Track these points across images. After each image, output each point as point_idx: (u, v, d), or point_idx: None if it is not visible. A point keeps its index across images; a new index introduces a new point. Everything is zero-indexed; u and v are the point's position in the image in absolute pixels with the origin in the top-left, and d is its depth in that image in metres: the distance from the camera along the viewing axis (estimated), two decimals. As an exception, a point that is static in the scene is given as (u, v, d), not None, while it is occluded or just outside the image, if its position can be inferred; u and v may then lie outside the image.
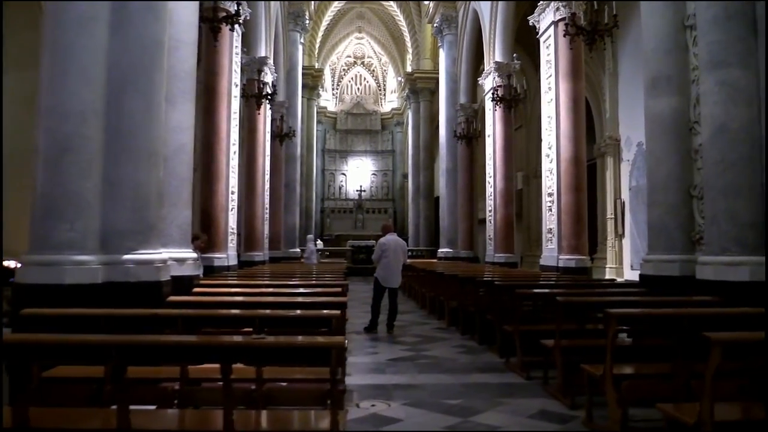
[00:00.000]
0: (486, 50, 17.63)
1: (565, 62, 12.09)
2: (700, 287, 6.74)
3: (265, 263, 16.31)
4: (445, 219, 21.93)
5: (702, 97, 6.95)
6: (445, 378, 6.92)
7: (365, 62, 38.22)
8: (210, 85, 11.74)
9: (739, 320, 4.77)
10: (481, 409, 5.56)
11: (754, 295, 6.31)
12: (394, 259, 10.36)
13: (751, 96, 6.57)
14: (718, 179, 6.66)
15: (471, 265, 17.15)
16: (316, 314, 4.66)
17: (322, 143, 35.88)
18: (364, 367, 7.52)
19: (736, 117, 6.56)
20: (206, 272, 11.15)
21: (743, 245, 6.48)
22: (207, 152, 11.57)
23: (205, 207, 11.51)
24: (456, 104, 21.06)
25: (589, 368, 4.93)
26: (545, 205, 12.70)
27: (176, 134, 7.45)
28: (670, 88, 7.71)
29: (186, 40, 7.67)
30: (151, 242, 6.38)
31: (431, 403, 5.78)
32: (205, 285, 7.73)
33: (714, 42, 6.76)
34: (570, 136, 11.97)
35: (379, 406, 5.72)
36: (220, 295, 6.66)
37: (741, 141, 6.54)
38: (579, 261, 11.72)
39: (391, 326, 10.32)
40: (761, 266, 6.36)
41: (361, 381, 6.72)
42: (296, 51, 21.56)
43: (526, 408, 5.62)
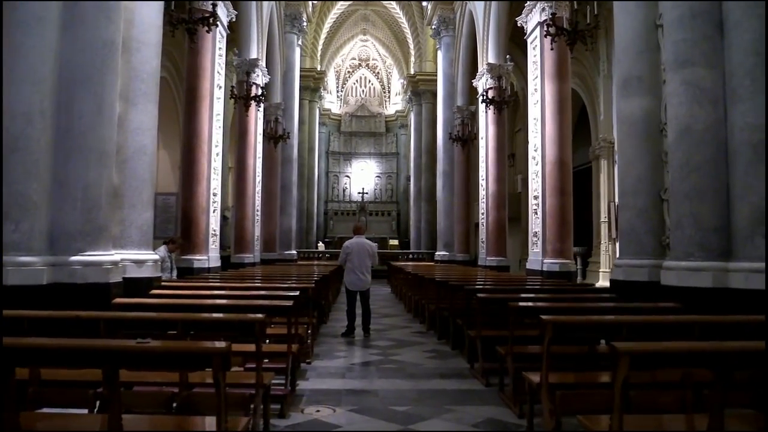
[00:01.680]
0: (479, 51, 17.48)
1: (551, 63, 11.92)
2: (667, 293, 6.57)
3: (255, 265, 16.25)
4: (442, 222, 21.78)
5: (668, 98, 6.79)
6: (403, 384, 6.79)
7: (370, 65, 38.16)
8: (191, 86, 11.72)
9: (681, 328, 4.60)
10: (427, 417, 5.43)
11: (717, 302, 6.15)
12: (358, 262, 10.23)
13: (716, 96, 6.40)
14: (683, 182, 6.49)
15: (463, 268, 16.97)
16: (238, 318, 4.54)
17: (326, 145, 35.83)
18: (325, 371, 7.41)
19: (700, 118, 6.39)
20: (185, 274, 11.14)
21: (707, 250, 6.31)
22: (187, 154, 11.54)
23: (184, 208, 11.47)
24: (453, 106, 20.91)
25: (529, 376, 4.79)
26: (531, 209, 12.53)
27: (137, 135, 7.40)
28: (641, 88, 7.54)
29: (148, 41, 7.62)
30: (102, 243, 6.33)
31: (378, 410, 5.65)
32: (168, 287, 7.67)
33: (679, 41, 6.60)
34: (555, 138, 11.80)
35: (323, 411, 5.61)
36: (173, 297, 6.57)
37: (706, 143, 6.37)
38: (563, 265, 11.53)
39: (367, 330, 10.19)
40: (725, 272, 6.19)
41: (317, 386, 6.61)
42: (293, 53, 21.51)
43: (474, 416, 5.47)
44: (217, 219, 12.31)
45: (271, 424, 5.14)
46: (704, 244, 6.30)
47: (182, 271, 11.37)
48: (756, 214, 5.97)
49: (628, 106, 7.68)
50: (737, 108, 6.18)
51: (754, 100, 6.03)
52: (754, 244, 5.98)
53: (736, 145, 6.19)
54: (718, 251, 6.27)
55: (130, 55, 7.44)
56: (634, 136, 7.59)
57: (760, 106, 5.99)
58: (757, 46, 6.05)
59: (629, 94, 7.67)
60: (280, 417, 5.35)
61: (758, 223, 5.96)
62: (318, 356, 8.32)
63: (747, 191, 6.06)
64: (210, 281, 9.13)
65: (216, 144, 12.18)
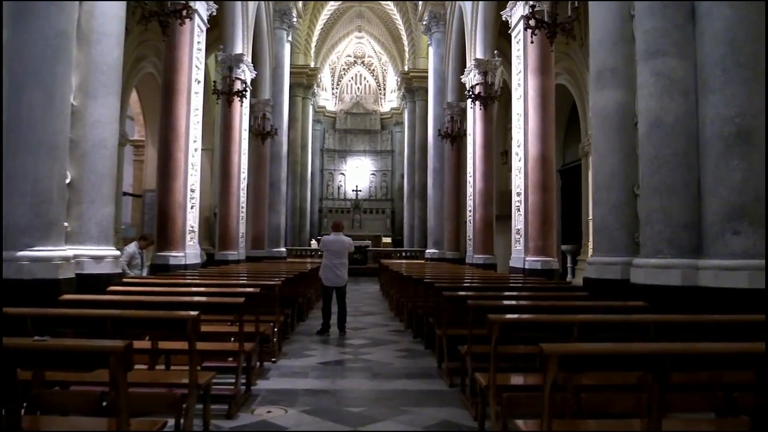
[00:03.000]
0: (468, 47, 17.27)
1: (534, 57, 11.71)
2: (637, 292, 6.37)
3: (240, 263, 16.07)
4: (432, 219, 21.57)
5: (639, 90, 6.57)
6: (366, 384, 6.61)
7: (365, 62, 37.90)
8: (167, 81, 11.53)
9: (637, 328, 4.40)
10: (380, 419, 5.25)
11: (686, 300, 5.96)
12: (335, 259, 10.04)
13: (687, 87, 6.19)
14: (652, 177, 6.29)
15: (450, 266, 16.76)
16: (168, 315, 4.35)
17: (321, 142, 35.60)
18: (289, 370, 7.22)
19: (671, 110, 6.19)
20: (160, 270, 10.97)
21: (677, 247, 6.11)
22: (163, 150, 11.36)
23: (161, 204, 11.29)
24: (444, 103, 20.68)
25: (480, 377, 4.59)
26: (514, 205, 12.32)
27: (96, 129, 7.20)
28: (615, 80, 7.35)
29: (109, 32, 7.41)
30: (52, 239, 6.15)
31: (332, 411, 5.47)
32: (129, 284, 7.49)
33: (650, 30, 6.39)
34: (538, 133, 11.58)
35: (275, 412, 5.43)
36: (127, 294, 6.39)
37: (676, 135, 6.17)
38: (545, 263, 11.32)
39: (342, 328, 10.00)
40: (694, 270, 5.99)
41: (276, 385, 6.43)
42: (282, 49, 21.28)
43: (430, 418, 5.28)
44: (196, 215, 12.11)
45: (216, 425, 4.97)
46: (674, 240, 6.10)
47: (158, 267, 11.21)
48: (726, 210, 5.77)
49: (601, 99, 7.48)
50: (708, 99, 5.97)
51: (724, 90, 5.83)
52: (724, 240, 5.78)
53: (707, 137, 5.99)
54: (688, 248, 6.07)
55: (90, 47, 7.25)
56: (607, 129, 7.39)
57: (731, 97, 5.79)
58: (729, 34, 5.85)
59: (603, 86, 7.47)
60: (227, 418, 5.17)
61: (728, 218, 5.76)
62: (286, 355, 8.14)
63: (718, 185, 5.86)
64: (177, 278, 8.96)
65: (194, 140, 11.98)
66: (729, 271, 5.66)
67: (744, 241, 5.68)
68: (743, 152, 5.73)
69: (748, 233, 5.67)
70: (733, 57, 5.81)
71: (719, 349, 2.97)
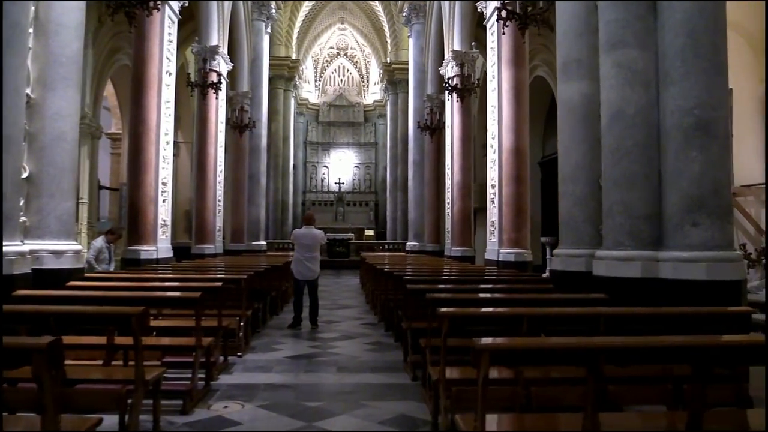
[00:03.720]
0: (446, 38, 17.21)
1: (508, 49, 11.67)
2: (599, 284, 6.36)
3: (217, 256, 15.96)
4: (412, 212, 21.56)
5: (601, 81, 6.54)
6: (329, 378, 6.57)
7: (348, 54, 37.71)
8: (137, 73, 11.39)
9: (588, 321, 4.39)
10: (337, 413, 5.21)
11: (646, 292, 5.95)
12: (306, 252, 9.98)
13: (648, 79, 6.17)
14: (614, 168, 6.27)
15: (430, 258, 16.74)
16: (114, 311, 4.27)
17: (304, 135, 35.45)
18: (254, 365, 7.16)
19: (632, 101, 6.17)
20: (131, 264, 10.87)
21: (637, 239, 6.11)
22: (134, 143, 11.23)
23: (131, 198, 11.18)
24: (423, 95, 20.62)
25: (432, 370, 4.56)
26: (488, 198, 12.30)
27: (56, 122, 7.08)
28: (580, 72, 7.33)
29: (68, 23, 7.28)
30: (6, 233, 6.03)
31: (290, 406, 5.43)
32: (91, 279, 7.40)
33: (612, 21, 6.36)
34: (512, 125, 11.56)
35: (232, 407, 5.38)
36: (85, 289, 6.30)
37: (637, 127, 6.15)
38: (518, 255, 11.32)
39: (314, 321, 9.94)
40: (654, 262, 5.98)
41: (238, 380, 6.38)
42: (261, 41, 21.11)
43: (387, 412, 5.25)
44: (168, 209, 12.00)
45: (169, 421, 4.92)
46: (634, 232, 6.09)
47: (129, 261, 11.11)
48: (685, 201, 5.77)
49: (567, 91, 7.46)
50: (669, 90, 5.96)
51: (684, 82, 5.82)
52: (683, 232, 5.78)
53: (667, 129, 5.97)
54: (649, 240, 6.06)
55: (48, 38, 7.12)
56: (573, 121, 7.38)
57: (690, 88, 5.78)
58: (688, 26, 5.83)
59: (568, 78, 7.45)
60: (182, 413, 5.12)
61: (687, 210, 5.75)
62: (254, 349, 8.08)
63: (677, 177, 5.85)
64: (143, 272, 8.87)
65: (166, 132, 11.85)
66: (687, 263, 5.67)
67: (702, 233, 5.68)
68: (702, 144, 5.72)
69: (707, 225, 5.67)
70: (693, 48, 5.79)
71: (653, 342, 2.95)
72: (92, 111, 15.99)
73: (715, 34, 5.82)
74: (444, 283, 7.51)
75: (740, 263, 5.73)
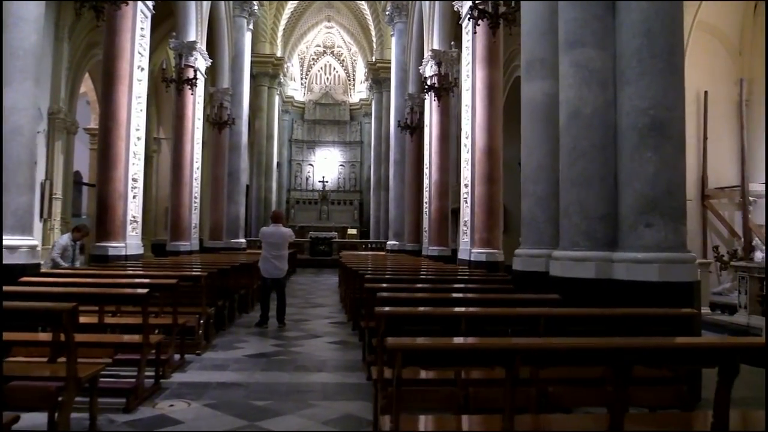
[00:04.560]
0: (426, 38, 17.17)
1: (482, 48, 11.64)
2: (556, 284, 6.33)
3: (192, 253, 15.86)
4: (392, 211, 21.52)
5: (560, 80, 6.51)
6: (284, 377, 6.51)
7: (335, 52, 37.59)
8: (108, 68, 11.27)
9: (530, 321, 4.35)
10: (283, 413, 5.16)
11: (600, 293, 5.93)
12: (274, 250, 9.91)
13: (606, 78, 6.15)
14: (570, 168, 6.25)
15: (408, 258, 16.70)
16: (45, 307, 4.19)
17: (290, 133, 35.33)
18: (211, 363, 7.09)
19: (589, 101, 6.14)
20: (99, 261, 10.76)
21: (593, 239, 6.08)
22: (103, 138, 11.12)
23: (100, 194, 11.07)
24: (405, 94, 20.57)
25: (374, 370, 4.52)
26: (462, 197, 12.27)
27: (12, 115, 6.99)
28: (543, 71, 7.30)
29: (26, 16, 7.19)
30: (-47, 228, 5.93)
31: (237, 405, 5.37)
32: (47, 275, 7.32)
33: (570, 20, 6.33)
34: (485, 125, 11.53)
35: (178, 406, 5.32)
36: (38, 285, 6.23)
37: (594, 127, 6.12)
38: (490, 255, 11.28)
39: (281, 320, 9.88)
40: (609, 263, 5.96)
41: (191, 378, 6.32)
42: (242, 37, 20.98)
43: (334, 412, 5.21)
44: (139, 205, 11.89)
45: (110, 419, 4.86)
46: (590, 233, 6.07)
47: (97, 258, 11.00)
48: (640, 202, 5.75)
49: (530, 90, 7.43)
50: (625, 90, 5.94)
51: (640, 82, 5.80)
52: (637, 233, 5.76)
53: (623, 129, 5.95)
54: (604, 241, 6.04)
55: (6, 31, 7.01)
56: (535, 120, 7.35)
57: (645, 88, 5.77)
58: (645, 26, 5.81)
59: (532, 77, 7.42)
60: (125, 411, 5.06)
61: (641, 211, 5.73)
62: (215, 347, 8.01)
63: (632, 178, 5.83)
64: (103, 269, 8.77)
65: (137, 128, 11.73)
66: (641, 264, 5.65)
67: (656, 233, 5.67)
68: (657, 144, 5.71)
69: (660, 226, 5.66)
70: (649, 49, 5.77)
71: (573, 344, 2.92)
72: (67, 106, 15.84)
73: (671, 35, 5.81)
74: (404, 283, 7.46)
75: (693, 265, 5.70)
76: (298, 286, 18.03)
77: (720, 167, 13.45)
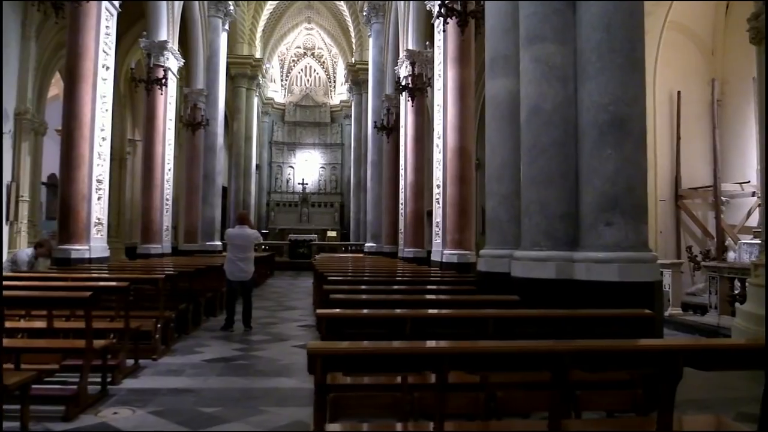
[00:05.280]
0: (401, 38, 17.03)
1: (453, 48, 11.51)
2: (518, 285, 6.19)
3: (164, 256, 15.59)
4: (370, 213, 21.36)
5: (521, 76, 6.38)
6: (238, 382, 6.32)
7: (315, 53, 37.34)
8: (71, 66, 11.01)
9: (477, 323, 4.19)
10: (229, 420, 4.97)
11: (560, 294, 5.79)
12: (239, 252, 9.71)
13: (566, 74, 6.02)
14: (531, 166, 6.12)
15: (379, 260, 16.53)
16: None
17: (270, 135, 35.05)
18: (166, 368, 6.88)
19: (549, 97, 6.02)
20: (61, 264, 10.50)
21: (553, 239, 5.96)
22: (66, 138, 10.86)
23: (63, 195, 10.80)
24: (382, 95, 20.42)
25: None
26: (434, 198, 12.13)
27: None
28: (506, 68, 7.17)
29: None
30: None
31: (184, 412, 5.17)
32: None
33: (530, 14, 6.21)
34: (456, 125, 11.40)
35: (122, 413, 5.12)
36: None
37: (554, 124, 6.00)
38: (462, 256, 11.15)
39: (247, 323, 9.67)
40: (569, 263, 5.83)
41: (141, 385, 6.10)
42: (218, 37, 20.70)
43: (283, 418, 5.03)
44: (103, 207, 11.61)
45: (47, 428, 4.65)
46: (550, 232, 5.94)
47: (59, 261, 10.72)
48: (599, 200, 5.63)
49: (494, 87, 7.31)
50: (585, 86, 5.83)
51: (599, 77, 5.69)
52: (597, 232, 5.64)
53: (583, 126, 5.84)
54: (565, 240, 5.91)
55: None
56: (499, 118, 7.21)
57: (605, 84, 5.65)
58: (604, 20, 5.69)
59: (495, 74, 7.29)
60: (64, 420, 4.84)
61: (601, 209, 5.61)
62: (174, 352, 7.80)
63: (592, 175, 5.71)
64: (55, 272, 8.53)
65: (102, 128, 11.47)
66: (601, 264, 5.53)
67: (616, 232, 5.55)
68: (617, 141, 5.59)
69: (620, 224, 5.54)
70: (609, 43, 5.66)
71: (506, 348, 2.76)
72: (35, 106, 15.53)
73: (631, 30, 5.70)
74: (367, 284, 7.29)
75: (654, 264, 5.58)
76: (273, 289, 17.82)
77: (693, 167, 13.43)
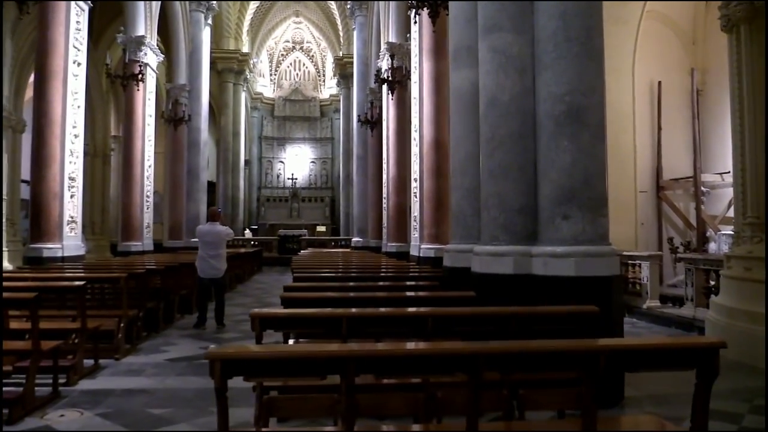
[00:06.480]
0: (382, 31, 16.91)
1: (428, 40, 11.38)
2: (477, 281, 6.08)
3: (145, 253, 15.48)
4: (356, 207, 21.27)
5: (479, 67, 6.25)
6: (196, 382, 6.21)
7: (304, 48, 37.10)
8: (41, 63, 10.87)
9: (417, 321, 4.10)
10: (177, 421, 4.90)
11: (518, 289, 5.68)
12: (210, 249, 9.60)
13: (524, 64, 5.89)
14: (489, 159, 6.00)
15: (362, 254, 16.43)
16: None
17: (259, 130, 34.87)
18: (126, 368, 6.79)
19: (506, 88, 5.88)
20: (33, 263, 10.40)
21: (511, 233, 5.83)
22: (36, 135, 10.72)
23: (34, 194, 10.69)
24: (366, 88, 20.29)
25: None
26: (411, 192, 12.03)
27: None
28: (469, 59, 7.04)
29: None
30: None
31: (132, 413, 5.10)
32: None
33: (488, 3, 6.08)
34: (432, 118, 11.27)
35: (69, 416, 5.05)
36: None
37: (511, 115, 5.87)
38: (438, 250, 11.02)
39: (220, 321, 9.58)
40: (528, 257, 5.72)
41: (96, 386, 6.02)
42: (200, 32, 20.53)
43: (232, 419, 4.88)
44: (76, 205, 11.49)
45: (-15, 433, 4.55)
46: (508, 226, 5.82)
47: (31, 260, 10.61)
48: (557, 193, 5.51)
49: (457, 79, 7.19)
50: (542, 76, 5.69)
51: (555, 67, 5.56)
52: (555, 225, 5.52)
53: (541, 117, 5.71)
54: (523, 234, 5.79)
55: None
56: (462, 110, 7.11)
57: (561, 73, 5.52)
58: (560, 8, 5.57)
59: (459, 66, 7.18)
60: (8, 423, 4.74)
61: (559, 203, 5.49)
62: (139, 351, 7.71)
63: (549, 168, 5.59)
64: (18, 272, 8.42)
65: (74, 125, 11.34)
66: (558, 258, 5.41)
67: (573, 226, 5.43)
68: (573, 132, 5.47)
69: (578, 218, 5.42)
70: (564, 32, 5.53)
71: (420, 351, 2.66)
72: (12, 104, 15.38)
73: (587, 17, 5.57)
74: (334, 281, 7.20)
75: (612, 258, 5.46)
76: (258, 285, 17.71)
77: (675, 158, 13.32)
